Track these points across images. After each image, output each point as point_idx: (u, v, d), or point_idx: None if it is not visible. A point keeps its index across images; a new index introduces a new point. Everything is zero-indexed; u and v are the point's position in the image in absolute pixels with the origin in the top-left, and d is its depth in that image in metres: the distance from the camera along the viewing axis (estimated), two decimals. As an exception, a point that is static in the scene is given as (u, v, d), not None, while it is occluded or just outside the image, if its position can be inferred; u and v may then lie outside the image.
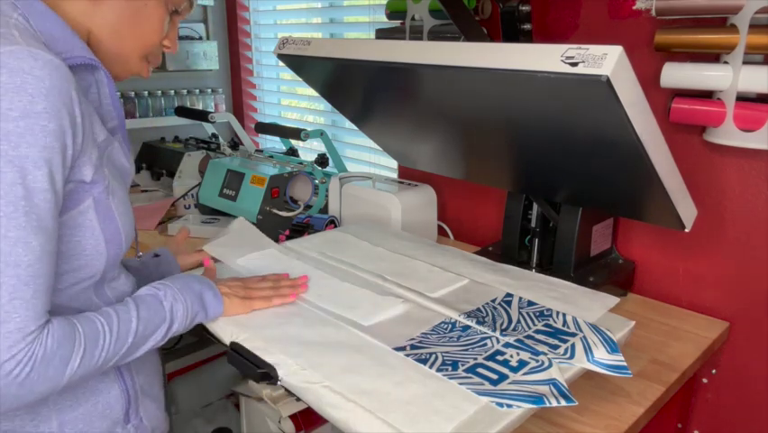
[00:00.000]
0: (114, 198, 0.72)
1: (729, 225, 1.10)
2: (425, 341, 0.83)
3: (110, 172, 0.73)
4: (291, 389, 0.78)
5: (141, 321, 0.72)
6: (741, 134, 0.97)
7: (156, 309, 0.75)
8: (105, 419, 0.75)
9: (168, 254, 1.05)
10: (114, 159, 0.75)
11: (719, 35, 0.95)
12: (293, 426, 1.15)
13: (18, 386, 0.60)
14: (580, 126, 0.85)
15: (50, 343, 0.62)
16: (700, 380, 1.18)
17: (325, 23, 2.05)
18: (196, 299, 0.81)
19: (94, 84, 0.74)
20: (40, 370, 0.61)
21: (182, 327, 0.79)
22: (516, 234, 1.25)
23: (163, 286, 0.79)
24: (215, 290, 0.85)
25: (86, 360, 0.65)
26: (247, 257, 1.10)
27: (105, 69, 0.74)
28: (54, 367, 0.62)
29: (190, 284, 0.82)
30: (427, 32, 1.35)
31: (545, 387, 0.72)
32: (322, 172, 1.62)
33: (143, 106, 2.11)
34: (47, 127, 0.60)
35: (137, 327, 0.72)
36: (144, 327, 0.73)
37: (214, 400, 1.86)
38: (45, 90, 0.60)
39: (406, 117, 1.16)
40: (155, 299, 0.76)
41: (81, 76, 0.71)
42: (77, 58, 0.69)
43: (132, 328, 0.71)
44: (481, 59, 0.80)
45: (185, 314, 0.79)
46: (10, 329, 0.59)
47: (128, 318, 0.71)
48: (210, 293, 0.84)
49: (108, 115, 0.76)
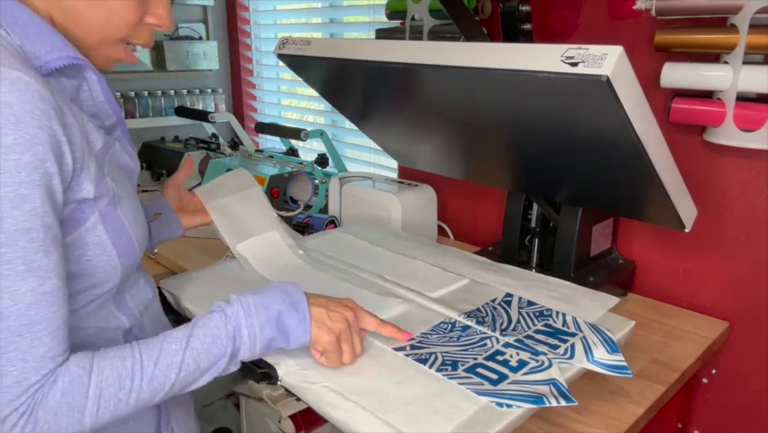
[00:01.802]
0: (123, 207, 0.67)
1: (729, 225, 1.10)
2: (424, 341, 0.83)
3: (114, 179, 0.67)
4: (291, 389, 0.77)
5: (191, 352, 0.63)
6: (741, 134, 0.97)
7: (214, 337, 0.65)
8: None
9: (169, 213, 0.98)
10: (117, 161, 0.70)
11: (719, 35, 0.95)
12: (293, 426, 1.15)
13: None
14: (580, 126, 0.85)
15: (54, 393, 0.56)
16: (700, 380, 1.18)
17: (325, 23, 2.05)
18: (272, 322, 0.68)
19: (84, 83, 0.68)
20: (48, 419, 0.56)
21: (254, 355, 0.68)
22: (516, 235, 1.25)
23: (234, 303, 0.68)
24: (304, 312, 0.70)
25: (109, 404, 0.59)
26: (248, 242, 1.08)
27: (92, 65, 0.67)
28: (65, 416, 0.57)
29: (268, 303, 0.69)
30: (427, 32, 1.35)
31: (545, 387, 0.72)
32: (322, 172, 1.62)
33: (143, 106, 2.11)
34: (20, 161, 0.53)
35: (183, 360, 0.63)
36: (195, 359, 0.64)
37: (214, 400, 1.86)
38: (14, 117, 0.53)
39: (405, 117, 1.16)
40: (216, 324, 0.66)
41: (67, 77, 0.65)
42: (61, 59, 0.62)
43: (175, 363, 0.62)
44: (481, 59, 0.80)
45: (253, 341, 0.67)
46: (8, 384, 0.54)
47: (173, 351, 0.62)
48: (295, 317, 0.70)
49: (104, 113, 0.71)
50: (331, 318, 0.72)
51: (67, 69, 0.65)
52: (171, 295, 0.99)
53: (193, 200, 1.05)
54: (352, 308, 0.76)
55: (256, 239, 1.09)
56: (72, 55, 0.63)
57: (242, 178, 1.12)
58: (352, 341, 0.74)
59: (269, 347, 0.69)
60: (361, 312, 0.77)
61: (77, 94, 0.68)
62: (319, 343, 0.72)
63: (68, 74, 0.65)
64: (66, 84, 0.65)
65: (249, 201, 1.10)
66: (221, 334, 0.66)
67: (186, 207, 1.04)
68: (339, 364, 0.74)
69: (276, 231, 1.11)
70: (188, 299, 0.96)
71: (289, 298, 0.71)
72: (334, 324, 0.72)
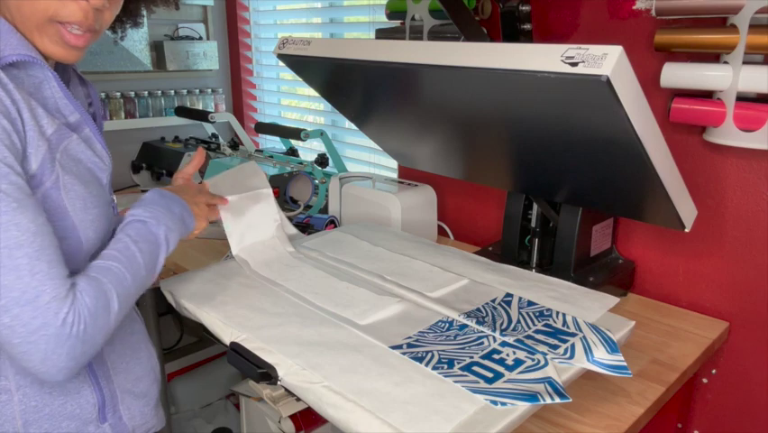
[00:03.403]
0: (69, 195, 0.70)
1: (729, 225, 1.10)
2: (421, 339, 0.83)
3: (66, 168, 0.71)
4: (291, 389, 0.78)
5: (144, 253, 0.76)
6: (741, 134, 0.97)
7: (151, 240, 0.79)
8: (73, 420, 0.75)
9: None
10: (73, 154, 0.73)
11: (719, 35, 0.95)
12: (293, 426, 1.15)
13: (82, 343, 0.65)
14: (579, 126, 0.85)
15: (89, 299, 0.66)
16: (700, 380, 1.18)
17: (325, 23, 2.05)
18: (179, 222, 0.85)
19: (45, 81, 0.72)
20: (92, 323, 0.66)
21: (172, 250, 0.84)
22: (516, 235, 1.25)
23: (148, 213, 0.81)
24: (189, 210, 0.89)
25: (122, 301, 0.71)
26: (249, 247, 1.08)
27: (46, 64, 0.71)
28: (102, 316, 0.67)
29: (171, 208, 0.85)
30: (427, 32, 1.35)
31: (540, 385, 0.72)
32: (322, 172, 1.62)
33: (143, 106, 2.11)
34: None
35: (143, 260, 0.76)
36: (148, 258, 0.77)
37: (214, 400, 1.87)
38: None
39: (405, 117, 1.16)
40: (147, 230, 0.79)
41: (27, 73, 0.70)
42: (12, 56, 0.67)
43: (140, 263, 0.75)
44: (481, 59, 0.80)
45: (175, 240, 0.83)
46: (47, 300, 0.62)
47: (132, 255, 0.75)
48: (187, 215, 0.88)
49: (66, 109, 0.75)
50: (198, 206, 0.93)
51: (25, 65, 0.70)
52: (171, 295, 0.99)
53: None
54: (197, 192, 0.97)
55: (257, 244, 1.09)
56: (23, 53, 0.69)
57: (253, 173, 1.13)
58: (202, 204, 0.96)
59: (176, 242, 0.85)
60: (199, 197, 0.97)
61: (39, 90, 0.72)
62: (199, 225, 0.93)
63: (28, 70, 0.71)
64: (24, 79, 0.70)
65: (258, 202, 1.10)
66: (156, 236, 0.80)
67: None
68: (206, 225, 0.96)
69: (277, 238, 1.12)
70: (188, 298, 0.96)
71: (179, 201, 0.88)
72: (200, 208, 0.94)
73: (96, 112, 0.86)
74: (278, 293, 0.97)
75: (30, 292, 0.62)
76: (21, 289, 0.61)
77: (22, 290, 0.61)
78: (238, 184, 1.10)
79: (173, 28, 2.17)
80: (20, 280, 0.61)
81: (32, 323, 0.62)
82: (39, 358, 0.63)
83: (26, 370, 0.67)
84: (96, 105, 0.86)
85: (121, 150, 1.93)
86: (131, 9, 0.91)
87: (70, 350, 0.64)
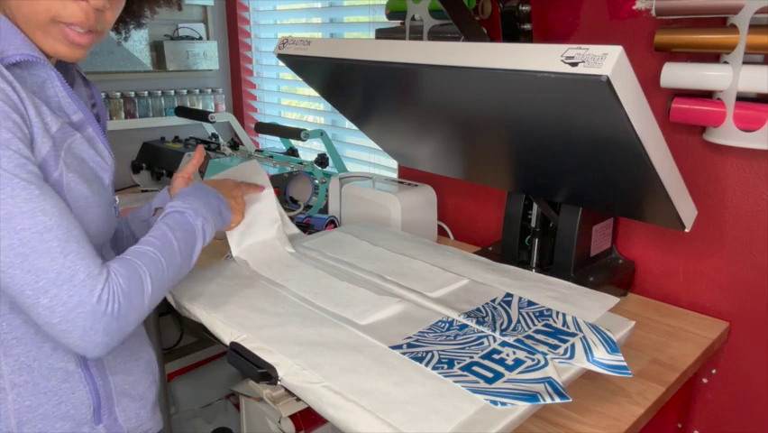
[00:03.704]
0: (72, 192, 0.71)
1: (729, 225, 1.10)
2: (421, 339, 0.83)
3: (70, 167, 0.71)
4: (291, 389, 0.78)
5: (180, 242, 0.79)
6: (741, 134, 0.97)
7: (188, 230, 0.82)
8: (67, 420, 0.75)
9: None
10: (77, 153, 0.73)
11: (719, 35, 0.95)
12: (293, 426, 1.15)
13: (117, 321, 0.67)
14: (579, 126, 0.85)
15: (122, 279, 0.68)
16: (700, 380, 1.18)
17: (325, 23, 2.05)
18: (216, 214, 0.89)
19: (49, 81, 0.73)
20: (126, 302, 0.68)
21: (209, 242, 0.87)
22: (516, 235, 1.25)
23: (186, 205, 0.84)
24: (226, 203, 0.94)
25: (156, 285, 0.73)
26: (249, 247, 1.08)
27: (50, 64, 0.72)
28: (136, 297, 0.70)
29: (209, 201, 0.89)
30: (427, 32, 1.35)
31: (540, 385, 0.72)
32: (322, 172, 1.62)
33: (143, 106, 2.11)
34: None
35: (179, 247, 0.79)
36: (184, 247, 0.80)
37: (214, 401, 1.87)
38: None
39: (405, 117, 1.16)
40: (184, 220, 0.82)
41: (30, 72, 0.72)
42: (16, 55, 0.68)
43: (176, 250, 0.78)
44: (481, 59, 0.80)
45: (211, 231, 0.87)
46: (82, 279, 0.65)
47: (169, 242, 0.78)
48: (224, 208, 0.93)
49: (69, 108, 0.75)
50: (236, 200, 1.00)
51: (28, 65, 0.71)
52: (171, 295, 0.99)
53: None
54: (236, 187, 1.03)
55: (257, 244, 1.09)
56: (26, 52, 0.70)
57: (254, 171, 1.13)
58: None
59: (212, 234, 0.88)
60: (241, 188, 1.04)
61: (42, 89, 0.73)
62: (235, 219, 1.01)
63: (31, 70, 0.72)
64: (27, 78, 0.71)
65: (258, 202, 1.10)
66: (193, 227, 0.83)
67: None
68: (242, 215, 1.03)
69: (277, 238, 1.12)
70: (188, 298, 0.96)
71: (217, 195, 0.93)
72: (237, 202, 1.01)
73: (99, 112, 0.86)
74: (279, 293, 0.97)
75: (65, 273, 0.64)
76: (56, 270, 0.64)
77: (57, 271, 0.64)
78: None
79: (173, 28, 2.17)
80: (54, 261, 0.63)
81: (69, 301, 0.64)
82: (78, 335, 0.65)
83: (66, 347, 0.69)
84: (99, 105, 0.86)
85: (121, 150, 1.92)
86: (134, 10, 0.91)
87: (107, 326, 0.66)
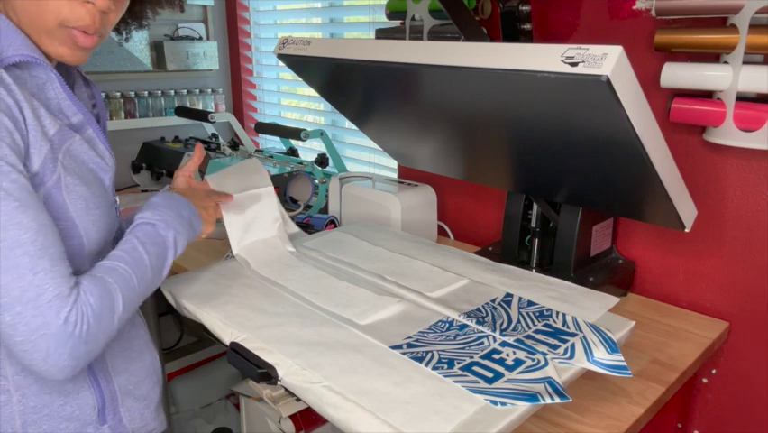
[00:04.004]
0: (71, 195, 0.71)
1: (729, 225, 1.10)
2: (421, 339, 0.83)
3: (68, 169, 0.71)
4: (291, 389, 0.78)
5: (151, 256, 0.77)
6: (741, 134, 0.97)
7: (159, 243, 0.79)
8: (72, 421, 0.75)
9: None
10: (76, 154, 0.73)
11: (719, 35, 0.95)
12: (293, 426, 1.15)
13: (85, 343, 0.65)
14: (579, 126, 0.85)
15: (93, 299, 0.66)
16: (700, 380, 1.18)
17: (325, 23, 2.05)
18: (187, 225, 0.85)
19: (49, 82, 0.73)
20: (96, 324, 0.66)
21: (180, 254, 0.84)
22: (516, 235, 1.25)
23: (157, 217, 0.81)
24: (197, 213, 0.89)
25: (127, 302, 0.71)
26: (249, 246, 1.08)
27: (49, 65, 0.72)
28: (105, 318, 0.68)
29: (180, 211, 0.85)
30: (427, 32, 1.35)
31: (540, 385, 0.72)
32: (322, 172, 1.62)
33: (143, 106, 2.11)
34: None
35: (150, 262, 0.76)
36: (156, 261, 0.78)
37: (214, 401, 1.87)
38: None
39: (405, 117, 1.16)
40: (155, 233, 0.79)
41: (30, 73, 0.71)
42: (15, 56, 0.68)
43: (146, 265, 0.76)
44: (481, 59, 0.80)
45: (183, 243, 0.84)
46: (49, 298, 0.63)
47: (140, 257, 0.75)
48: (195, 219, 0.88)
49: (69, 110, 0.75)
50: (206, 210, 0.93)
51: (28, 66, 0.70)
52: (171, 295, 0.99)
53: None
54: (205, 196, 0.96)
55: (257, 243, 1.09)
56: (26, 53, 0.69)
57: (255, 170, 1.13)
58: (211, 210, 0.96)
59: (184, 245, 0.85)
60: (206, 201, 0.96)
61: (43, 91, 0.72)
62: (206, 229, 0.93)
63: (32, 71, 0.71)
64: (27, 79, 0.70)
65: (259, 201, 1.10)
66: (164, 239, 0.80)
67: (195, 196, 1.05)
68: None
69: (278, 237, 1.12)
70: (188, 298, 0.96)
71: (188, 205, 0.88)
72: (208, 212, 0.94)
73: (99, 113, 0.85)
74: (279, 293, 0.97)
75: (31, 291, 0.62)
76: (22, 287, 0.61)
77: (23, 288, 0.61)
78: (240, 181, 1.10)
79: (173, 28, 2.17)
80: (21, 278, 0.61)
81: (33, 321, 0.62)
82: (41, 357, 0.63)
83: (29, 369, 0.67)
84: (99, 106, 0.86)
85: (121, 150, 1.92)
86: (135, 11, 0.91)
87: (72, 350, 0.64)
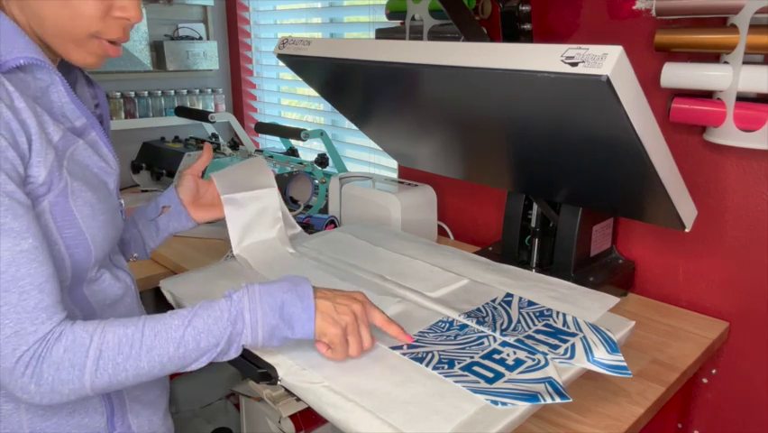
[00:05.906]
0: (77, 201, 0.69)
1: (729, 225, 1.10)
2: (422, 340, 0.83)
3: (73, 174, 0.70)
4: (291, 389, 0.77)
5: (192, 330, 0.66)
6: (741, 134, 0.97)
7: (216, 319, 0.67)
8: (81, 429, 0.74)
9: (178, 206, 0.98)
10: (80, 159, 0.72)
11: (719, 35, 0.95)
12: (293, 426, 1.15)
13: (36, 385, 0.62)
14: (579, 126, 0.85)
15: (57, 348, 0.62)
16: (700, 380, 1.18)
17: (325, 23, 2.05)
18: (275, 309, 0.69)
19: (53, 85, 0.71)
20: (51, 372, 0.62)
21: (257, 341, 0.69)
22: (516, 235, 1.25)
23: (241, 290, 0.70)
24: (309, 302, 0.71)
25: (108, 366, 0.63)
26: (250, 246, 1.08)
27: (54, 68, 0.70)
28: (66, 371, 0.62)
29: (273, 291, 0.70)
30: (427, 32, 1.35)
31: (541, 385, 0.72)
32: (322, 172, 1.62)
33: (143, 106, 2.11)
34: None
35: (183, 336, 0.65)
36: (195, 338, 0.66)
37: (214, 401, 1.87)
38: None
39: (406, 117, 1.16)
40: (220, 307, 0.68)
41: (33, 76, 0.69)
42: (19, 59, 0.66)
43: (175, 337, 0.65)
44: (481, 59, 0.80)
45: (254, 327, 0.68)
46: (7, 334, 0.60)
47: (175, 326, 0.66)
48: (299, 306, 0.70)
49: (73, 114, 0.73)
50: (337, 311, 0.72)
51: (32, 69, 0.69)
52: (171, 295, 0.99)
53: (210, 191, 1.04)
54: (361, 301, 0.76)
55: (258, 243, 1.09)
56: (30, 56, 0.67)
57: (260, 169, 1.13)
58: (359, 333, 0.74)
59: (272, 335, 0.70)
60: (369, 306, 0.77)
61: (46, 94, 0.71)
62: (325, 335, 0.72)
63: (36, 74, 0.69)
64: (30, 82, 0.69)
65: (260, 201, 1.10)
66: (223, 316, 0.68)
67: (202, 198, 1.03)
68: (345, 357, 0.74)
69: (278, 239, 1.12)
70: (188, 299, 0.96)
71: (295, 288, 0.72)
72: (341, 316, 0.72)
73: (102, 114, 0.84)
74: (279, 293, 0.97)
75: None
76: None
77: None
78: (243, 180, 1.09)
79: (173, 28, 2.17)
80: None
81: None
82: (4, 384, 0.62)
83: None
84: (102, 106, 0.85)
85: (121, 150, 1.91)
86: None
87: (24, 388, 0.61)
